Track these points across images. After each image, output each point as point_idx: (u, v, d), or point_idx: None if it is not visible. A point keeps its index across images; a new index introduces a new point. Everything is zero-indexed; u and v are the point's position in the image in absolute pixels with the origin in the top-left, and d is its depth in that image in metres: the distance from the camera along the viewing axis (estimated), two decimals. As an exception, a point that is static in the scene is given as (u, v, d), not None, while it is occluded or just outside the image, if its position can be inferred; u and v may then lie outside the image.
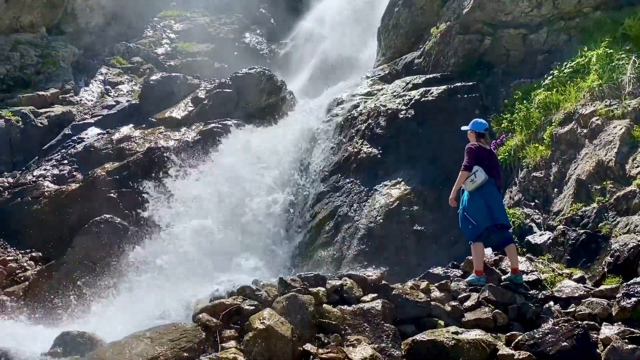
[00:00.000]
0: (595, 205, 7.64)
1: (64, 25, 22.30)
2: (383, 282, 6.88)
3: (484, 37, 11.71)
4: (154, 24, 24.75)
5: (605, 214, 7.46)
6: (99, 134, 15.26)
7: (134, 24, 23.55)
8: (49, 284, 10.47)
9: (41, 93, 17.78)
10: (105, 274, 10.45)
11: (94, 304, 9.74)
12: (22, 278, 11.08)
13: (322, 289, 6.46)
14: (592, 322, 6.02)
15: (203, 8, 25.60)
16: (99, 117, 16.23)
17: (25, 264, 11.51)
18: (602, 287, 6.63)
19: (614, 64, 8.48)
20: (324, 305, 6.20)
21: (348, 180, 11.27)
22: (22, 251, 11.93)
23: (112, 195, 12.38)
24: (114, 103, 17.41)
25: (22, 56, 19.21)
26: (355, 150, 11.74)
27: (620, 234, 7.08)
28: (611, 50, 8.72)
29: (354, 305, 6.35)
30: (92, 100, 18.58)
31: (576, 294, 6.65)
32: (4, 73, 18.22)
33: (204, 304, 6.17)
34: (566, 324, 5.77)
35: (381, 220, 10.02)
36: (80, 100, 18.47)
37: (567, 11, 10.94)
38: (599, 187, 7.72)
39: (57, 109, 17.25)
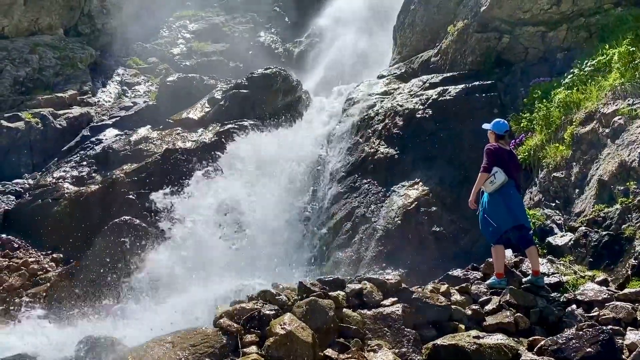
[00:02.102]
0: (618, 206, 7.52)
1: (81, 27, 22.54)
2: (403, 285, 6.84)
3: (502, 35, 11.58)
4: (170, 24, 24.90)
5: (629, 216, 7.34)
6: (116, 135, 15.40)
7: (150, 24, 23.69)
8: (70, 286, 10.59)
9: (60, 95, 18.00)
10: (126, 275, 10.55)
11: (116, 306, 9.83)
12: (44, 279, 11.22)
13: (342, 292, 6.44)
14: (616, 327, 5.92)
15: (218, 7, 25.70)
16: (117, 118, 16.38)
17: (46, 265, 11.67)
18: (626, 291, 6.52)
19: (636, 62, 8.33)
20: (344, 309, 6.18)
21: (365, 180, 11.22)
22: (43, 252, 12.09)
23: (130, 196, 12.48)
24: (131, 104, 17.57)
25: (40, 58, 19.46)
26: (372, 150, 11.70)
27: (644, 236, 6.96)
28: (633, 48, 8.56)
29: (374, 310, 6.32)
30: (109, 101, 18.77)
31: (599, 298, 6.55)
32: (23, 76, 18.46)
33: (224, 308, 6.18)
34: (590, 329, 5.68)
35: (399, 222, 9.97)
36: (98, 101, 18.67)
37: (587, 8, 10.78)
38: (621, 188, 7.59)
39: (76, 111, 17.45)
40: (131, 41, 22.83)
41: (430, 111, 11.53)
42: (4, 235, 12.22)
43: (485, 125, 7.89)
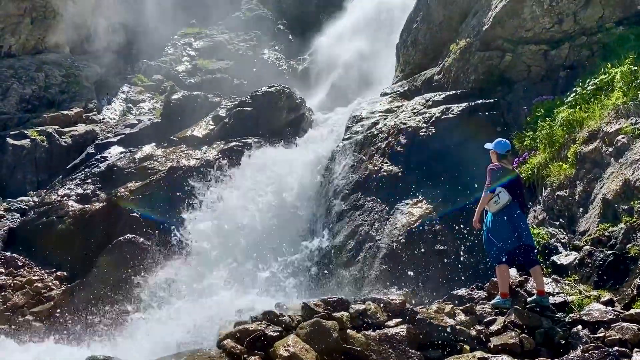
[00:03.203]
0: (622, 225, 7.50)
1: (87, 45, 22.80)
2: (407, 305, 6.83)
3: (505, 53, 11.65)
4: (174, 42, 25.16)
5: (634, 235, 7.32)
6: (121, 153, 15.50)
7: (155, 42, 23.95)
8: (74, 304, 10.59)
9: (65, 112, 18.18)
10: (130, 294, 10.55)
11: (119, 325, 9.81)
12: (48, 297, 11.23)
13: (346, 313, 6.43)
14: (622, 349, 5.87)
15: (222, 26, 25.96)
16: (122, 136, 16.50)
17: (50, 284, 11.68)
18: (632, 311, 6.48)
19: (639, 81, 8.36)
20: (348, 330, 6.17)
21: (369, 198, 11.21)
22: (47, 270, 12.12)
23: (135, 214, 12.51)
24: (136, 122, 17.70)
25: (46, 76, 19.67)
26: (375, 168, 11.71)
27: (649, 256, 6.94)
28: (635, 67, 8.60)
29: (378, 331, 6.30)
30: (114, 119, 18.92)
31: (605, 318, 6.51)
32: (29, 93, 18.67)
33: (228, 329, 6.18)
34: (596, 351, 5.66)
35: (403, 240, 9.96)
36: (103, 118, 18.82)
37: (588, 27, 10.84)
38: (626, 207, 7.58)
39: (81, 128, 17.61)
40: (136, 59, 23.07)
41: (434, 129, 11.56)
42: (8, 253, 12.27)
43: (488, 145, 7.92)
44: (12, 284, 11.42)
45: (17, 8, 19.84)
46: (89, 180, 14.48)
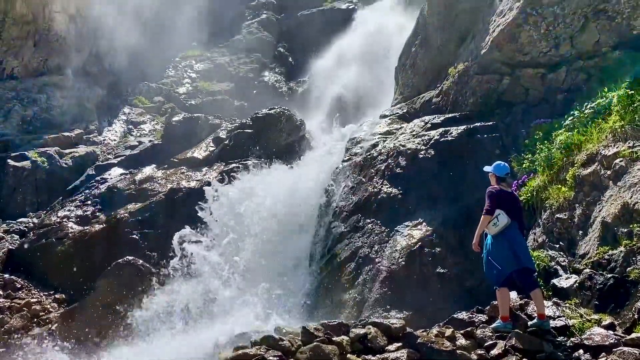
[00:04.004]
0: (622, 248, 7.50)
1: (89, 66, 22.99)
2: (407, 329, 6.79)
3: (503, 76, 11.77)
4: (176, 64, 25.38)
5: (634, 258, 7.32)
6: (121, 175, 15.55)
7: (156, 64, 24.17)
8: (72, 327, 10.51)
9: (66, 134, 18.29)
10: (128, 316, 10.48)
11: (117, 348, 9.74)
12: (46, 320, 11.16)
13: (346, 337, 6.39)
14: (624, 374, 5.85)
15: (223, 48, 26.22)
16: (122, 157, 16.57)
17: (48, 306, 11.62)
18: (633, 335, 6.45)
19: (635, 105, 8.44)
20: (349, 355, 6.14)
21: (369, 220, 11.22)
22: (46, 293, 12.07)
23: (134, 236, 12.51)
24: (137, 143, 17.79)
25: (48, 98, 19.82)
26: (375, 190, 11.74)
27: (649, 279, 6.93)
28: (632, 92, 8.69)
29: (378, 355, 6.27)
30: (115, 140, 19.01)
31: (606, 342, 6.48)
32: (31, 115, 18.79)
33: (227, 354, 6.14)
34: (598, 376, 5.62)
35: (403, 262, 9.93)
36: (104, 140, 18.92)
37: (585, 51, 10.97)
38: (625, 230, 7.59)
39: (81, 150, 17.69)
40: (138, 80, 23.24)
41: (433, 151, 11.63)
42: (6, 276, 12.23)
43: (487, 168, 7.96)
44: (10, 307, 11.36)
45: (21, 31, 20.07)
46: (89, 202, 14.50)
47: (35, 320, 11.21)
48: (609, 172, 8.28)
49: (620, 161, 8.12)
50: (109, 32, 23.01)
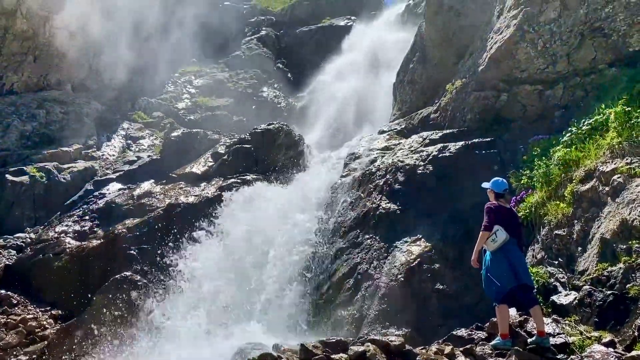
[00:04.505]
0: (621, 265, 7.48)
1: (88, 82, 23.11)
2: (406, 347, 6.74)
3: (500, 93, 11.83)
4: (175, 79, 25.51)
5: (633, 275, 7.29)
6: (120, 190, 15.53)
7: (156, 80, 24.29)
8: (68, 344, 10.42)
9: (65, 149, 18.28)
10: (125, 333, 10.39)
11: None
12: (42, 337, 11.05)
13: (345, 355, 6.34)
14: (625, 392, 5.79)
15: (222, 64, 26.39)
16: (120, 173, 16.56)
17: (44, 323, 11.52)
18: (633, 353, 6.40)
19: (632, 121, 8.47)
20: (347, 373, 6.08)
21: (367, 236, 11.20)
22: (42, 309, 11.97)
23: (132, 252, 12.46)
24: (135, 158, 17.80)
25: (47, 113, 19.86)
26: (374, 205, 11.73)
27: (649, 296, 6.90)
28: (629, 108, 8.73)
29: (377, 373, 6.21)
30: (113, 155, 19.01)
31: (607, 360, 6.43)
32: (30, 130, 18.80)
33: (225, 371, 6.09)
34: (599, 395, 5.56)
35: (402, 279, 9.89)
36: (103, 155, 18.92)
37: (582, 68, 11.05)
38: (624, 246, 7.57)
39: (80, 165, 17.68)
40: (137, 96, 23.33)
41: (431, 167, 11.65)
42: (2, 291, 12.16)
43: (485, 184, 7.97)
44: (6, 323, 11.26)
45: (21, 47, 20.19)
46: (87, 217, 14.46)
47: (31, 336, 11.10)
48: (607, 189, 8.28)
49: (618, 177, 8.13)
50: (109, 48, 23.15)
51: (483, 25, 13.24)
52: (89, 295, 11.67)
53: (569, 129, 9.79)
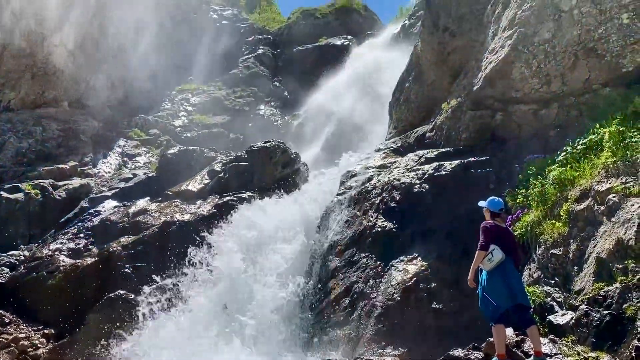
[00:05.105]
0: (617, 285, 7.45)
1: (85, 99, 23.16)
2: (403, 367, 6.68)
3: (495, 112, 11.90)
4: (172, 97, 25.62)
5: (629, 295, 7.26)
6: (115, 207, 15.47)
7: (153, 97, 24.39)
8: (61, 364, 10.29)
9: (61, 166, 18.26)
10: (119, 352, 10.27)
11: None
12: (34, 357, 10.91)
13: (341, 376, 6.28)
14: (623, 414, 5.73)
15: (220, 82, 26.53)
16: (116, 190, 16.51)
17: (37, 342, 11.39)
18: (631, 374, 6.37)
19: (626, 141, 8.52)
20: (343, 394, 6.01)
21: (363, 255, 11.16)
22: (35, 328, 11.85)
23: (127, 270, 12.37)
24: (131, 175, 17.77)
25: (44, 130, 19.87)
26: (370, 224, 11.71)
27: (646, 316, 6.87)
28: (623, 128, 8.79)
29: (373, 394, 6.14)
30: (109, 172, 18.99)
31: (604, 381, 6.38)
32: (26, 147, 18.79)
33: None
34: (597, 417, 5.51)
35: (398, 298, 9.84)
36: (98, 172, 18.89)
37: (576, 88, 11.11)
38: (620, 266, 7.56)
39: (76, 182, 17.63)
40: (134, 113, 23.40)
41: (427, 186, 11.66)
42: (-5, 310, 12.02)
43: (481, 203, 7.98)
44: (-2, 342, 11.13)
45: (18, 64, 20.26)
46: (82, 235, 14.38)
47: (23, 356, 10.96)
48: (602, 208, 8.29)
49: (614, 197, 8.14)
50: (107, 65, 23.26)
51: (478, 46, 13.36)
52: (83, 314, 11.53)
53: (564, 148, 9.82)
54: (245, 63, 27.34)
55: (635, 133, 8.58)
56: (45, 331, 11.65)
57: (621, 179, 8.25)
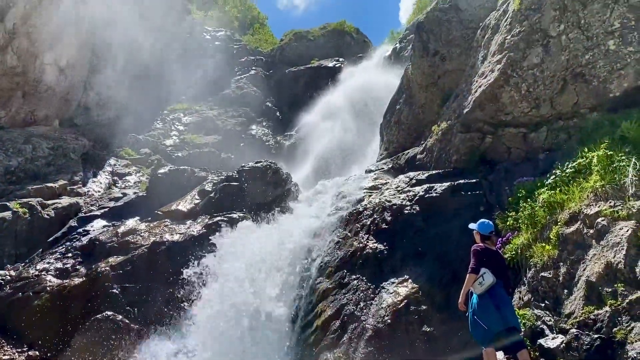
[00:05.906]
0: (607, 308, 7.47)
1: (76, 118, 23.14)
2: (393, 392, 6.61)
3: (485, 135, 12.02)
4: (164, 116, 25.64)
5: (619, 319, 7.28)
6: (104, 227, 15.32)
7: (144, 117, 24.40)
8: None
9: (50, 185, 18.11)
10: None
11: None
12: (17, 380, 10.69)
13: (330, 401, 6.19)
14: None
15: (212, 102, 26.63)
16: (105, 209, 16.37)
17: (21, 364, 11.16)
18: (621, 399, 6.34)
19: (614, 165, 8.62)
20: (333, 419, 5.92)
21: (354, 276, 11.11)
22: (19, 350, 11.60)
23: (114, 291, 12.20)
24: (121, 195, 17.65)
25: (34, 148, 19.75)
26: (361, 245, 11.69)
27: (635, 340, 6.87)
28: (611, 152, 8.89)
29: (363, 420, 6.05)
30: (99, 192, 18.86)
31: (595, 407, 6.35)
32: (15, 165, 18.66)
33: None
34: None
35: (389, 320, 9.78)
36: (88, 191, 18.75)
37: (565, 112, 11.28)
38: (610, 289, 7.58)
39: (65, 201, 17.47)
40: (125, 132, 23.36)
41: (418, 207, 11.69)
42: (-21, 331, 11.78)
43: (471, 225, 8.02)
44: (-20, 365, 10.89)
45: (10, 82, 20.23)
46: (70, 255, 14.20)
47: (6, 379, 10.75)
48: (591, 231, 8.34)
49: (602, 220, 8.20)
50: (98, 85, 23.29)
51: (468, 69, 13.55)
52: (69, 336, 11.33)
53: (553, 171, 9.91)
54: (238, 83, 27.50)
55: (623, 157, 8.68)
56: (30, 353, 11.41)
57: (610, 202, 8.32)
